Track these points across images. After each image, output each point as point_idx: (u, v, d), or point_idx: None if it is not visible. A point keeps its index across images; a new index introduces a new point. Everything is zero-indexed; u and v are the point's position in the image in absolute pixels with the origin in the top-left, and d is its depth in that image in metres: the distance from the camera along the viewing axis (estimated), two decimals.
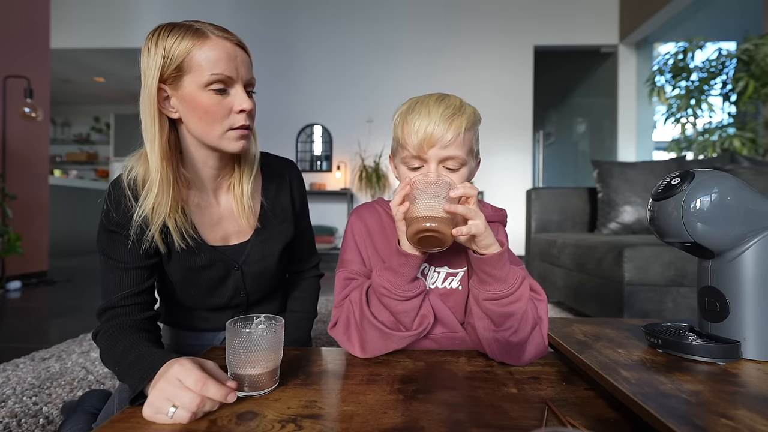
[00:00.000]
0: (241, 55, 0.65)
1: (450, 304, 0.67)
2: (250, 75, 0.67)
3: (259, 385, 0.50)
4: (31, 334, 1.70)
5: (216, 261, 0.74)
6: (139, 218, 0.65)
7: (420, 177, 0.56)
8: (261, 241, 0.78)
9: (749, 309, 0.54)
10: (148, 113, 0.63)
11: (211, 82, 0.62)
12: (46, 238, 3.15)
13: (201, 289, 0.76)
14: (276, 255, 0.80)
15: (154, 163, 0.64)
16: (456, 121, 0.59)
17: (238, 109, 0.64)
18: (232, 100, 0.64)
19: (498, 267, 0.57)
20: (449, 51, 4.68)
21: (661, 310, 1.49)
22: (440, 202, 0.54)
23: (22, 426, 0.90)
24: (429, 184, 0.55)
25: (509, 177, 4.61)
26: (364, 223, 0.71)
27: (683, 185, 0.55)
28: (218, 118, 0.64)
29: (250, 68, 0.67)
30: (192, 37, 0.61)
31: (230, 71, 0.63)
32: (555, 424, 0.44)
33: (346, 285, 0.67)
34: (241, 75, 0.64)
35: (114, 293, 0.67)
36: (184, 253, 0.71)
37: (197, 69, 0.61)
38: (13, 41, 2.86)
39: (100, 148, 7.22)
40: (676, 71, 3.28)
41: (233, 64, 0.63)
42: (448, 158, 0.60)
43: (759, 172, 1.78)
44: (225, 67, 0.62)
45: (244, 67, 0.65)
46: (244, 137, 0.67)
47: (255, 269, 0.78)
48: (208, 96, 0.63)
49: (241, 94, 0.64)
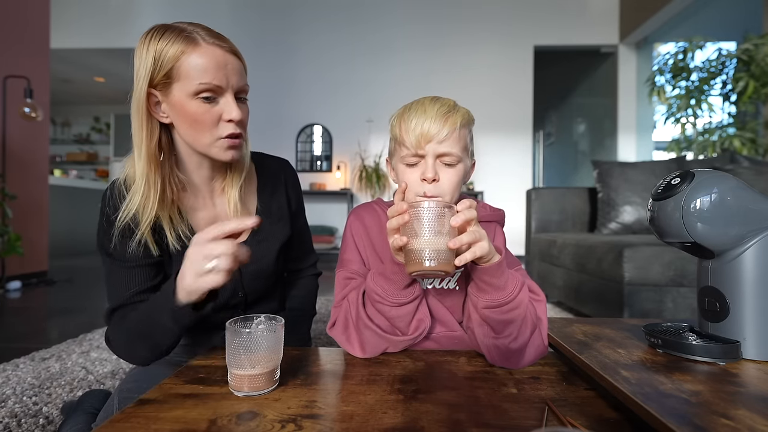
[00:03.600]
0: (233, 62, 0.63)
1: (448, 304, 0.67)
2: (243, 82, 0.65)
3: (259, 385, 0.50)
4: (31, 334, 1.70)
5: None
6: (122, 221, 0.65)
7: (420, 209, 0.51)
8: (258, 242, 0.78)
9: (749, 309, 0.54)
10: (137, 117, 0.63)
11: (199, 91, 0.61)
12: (46, 238, 3.15)
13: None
14: (273, 255, 0.80)
15: (140, 167, 0.64)
16: (451, 118, 0.61)
17: (227, 118, 0.63)
18: (221, 109, 0.63)
19: (497, 276, 0.56)
20: (449, 51, 4.68)
21: (661, 310, 1.49)
22: (443, 239, 0.50)
23: (22, 426, 0.90)
24: (430, 219, 0.50)
25: (509, 177, 4.61)
26: (362, 224, 0.71)
27: (683, 185, 0.55)
28: (207, 127, 0.63)
29: (243, 75, 0.66)
30: (182, 43, 0.60)
31: (219, 80, 0.62)
32: (555, 424, 0.44)
33: (345, 285, 0.67)
34: (232, 83, 0.63)
35: (121, 293, 0.67)
36: (180, 255, 0.71)
37: (186, 77, 0.61)
38: (13, 41, 2.86)
39: (100, 148, 7.22)
40: (676, 71, 3.28)
41: (223, 73, 0.62)
42: (444, 154, 0.61)
43: (759, 172, 1.78)
44: (214, 75, 0.61)
45: (234, 76, 0.63)
46: (234, 147, 0.66)
47: (252, 269, 0.78)
48: (197, 104, 0.62)
49: (231, 103, 0.63)
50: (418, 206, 0.51)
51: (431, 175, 0.60)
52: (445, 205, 0.51)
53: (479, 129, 3.16)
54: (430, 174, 0.60)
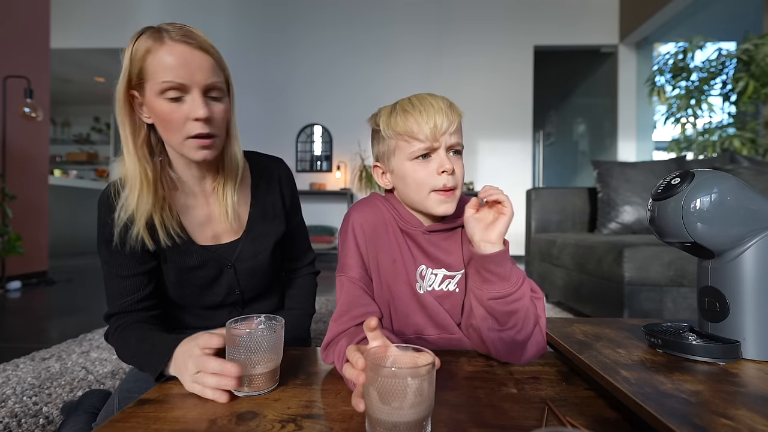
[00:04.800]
0: (200, 59, 0.62)
1: (447, 306, 0.67)
2: (212, 79, 0.63)
3: (259, 385, 0.50)
4: (31, 334, 1.70)
5: (208, 260, 0.75)
6: (121, 219, 0.66)
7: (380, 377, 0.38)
8: (252, 239, 0.78)
9: (749, 309, 0.54)
10: (119, 117, 0.65)
11: (163, 90, 0.60)
12: (46, 238, 3.15)
13: (195, 288, 0.77)
14: (268, 252, 0.80)
15: (130, 166, 0.65)
16: (455, 109, 0.63)
17: (193, 116, 0.62)
18: (188, 108, 0.62)
19: (502, 265, 0.57)
20: (449, 50, 4.68)
21: (661, 310, 1.49)
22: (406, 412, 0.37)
23: (22, 426, 0.90)
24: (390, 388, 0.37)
25: (509, 177, 4.61)
26: (365, 221, 0.68)
27: (683, 185, 0.55)
28: (175, 127, 0.62)
29: (213, 72, 0.63)
30: (150, 40, 0.60)
31: (182, 78, 0.60)
32: (555, 424, 0.44)
33: (349, 305, 0.62)
34: (197, 81, 0.61)
35: (116, 300, 0.70)
36: (175, 255, 0.72)
37: (153, 76, 0.61)
38: (13, 41, 2.86)
39: (100, 148, 7.21)
40: (676, 71, 3.28)
41: (186, 70, 0.60)
42: (454, 144, 0.63)
43: (759, 172, 1.78)
44: (176, 73, 0.60)
45: (201, 73, 0.61)
46: (205, 146, 0.65)
47: (247, 266, 0.78)
48: (164, 103, 0.61)
49: (197, 100, 0.62)
50: (378, 371, 0.38)
51: (452, 166, 0.61)
52: (411, 373, 0.38)
53: (479, 129, 3.18)
54: (450, 165, 0.61)
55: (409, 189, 0.64)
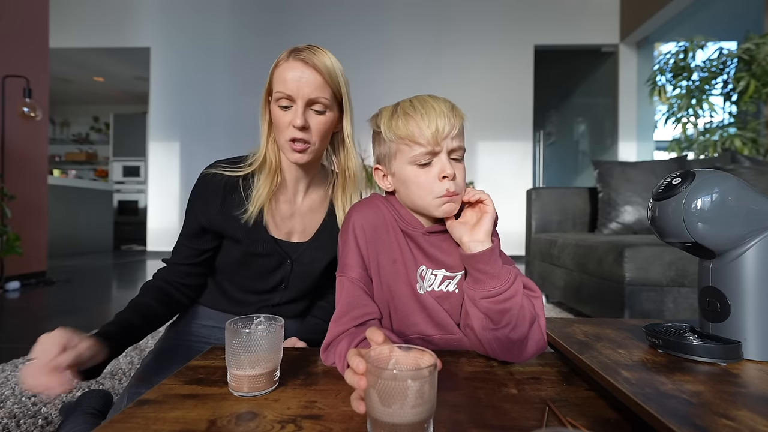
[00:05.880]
0: (309, 76, 0.72)
1: (446, 306, 0.67)
2: (316, 94, 0.72)
3: (259, 386, 0.50)
4: (30, 334, 1.70)
5: (274, 252, 0.82)
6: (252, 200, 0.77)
7: (382, 379, 0.38)
8: (315, 247, 0.85)
9: (750, 309, 0.54)
10: (261, 117, 0.79)
11: (278, 98, 0.73)
12: (45, 238, 3.15)
13: (253, 272, 0.83)
14: (323, 263, 0.85)
15: (270, 153, 0.79)
16: (457, 112, 0.62)
17: (293, 123, 0.72)
18: (291, 115, 0.73)
19: (490, 263, 0.58)
20: (449, 50, 4.67)
21: (662, 310, 1.49)
22: (407, 412, 0.37)
23: (21, 426, 0.90)
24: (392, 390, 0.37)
25: (509, 177, 4.61)
26: (366, 221, 0.68)
27: (684, 185, 0.55)
28: (280, 130, 0.74)
29: (319, 88, 0.73)
30: (283, 57, 0.74)
31: (291, 90, 0.71)
32: (555, 424, 0.43)
33: (349, 306, 0.63)
34: (303, 94, 0.72)
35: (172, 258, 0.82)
36: (250, 239, 0.80)
37: (274, 86, 0.74)
38: (12, 41, 2.86)
39: (100, 148, 7.21)
40: (676, 71, 3.27)
41: (295, 84, 0.71)
42: (456, 149, 0.62)
43: (760, 172, 1.78)
44: (287, 86, 0.71)
45: (308, 88, 0.72)
46: (298, 150, 0.74)
47: (303, 269, 0.84)
48: (277, 109, 0.74)
49: (298, 110, 0.72)
50: (379, 373, 0.38)
51: (453, 171, 0.61)
52: (412, 376, 0.38)
53: (479, 128, 3.18)
54: (451, 170, 0.60)
55: (410, 193, 0.64)
